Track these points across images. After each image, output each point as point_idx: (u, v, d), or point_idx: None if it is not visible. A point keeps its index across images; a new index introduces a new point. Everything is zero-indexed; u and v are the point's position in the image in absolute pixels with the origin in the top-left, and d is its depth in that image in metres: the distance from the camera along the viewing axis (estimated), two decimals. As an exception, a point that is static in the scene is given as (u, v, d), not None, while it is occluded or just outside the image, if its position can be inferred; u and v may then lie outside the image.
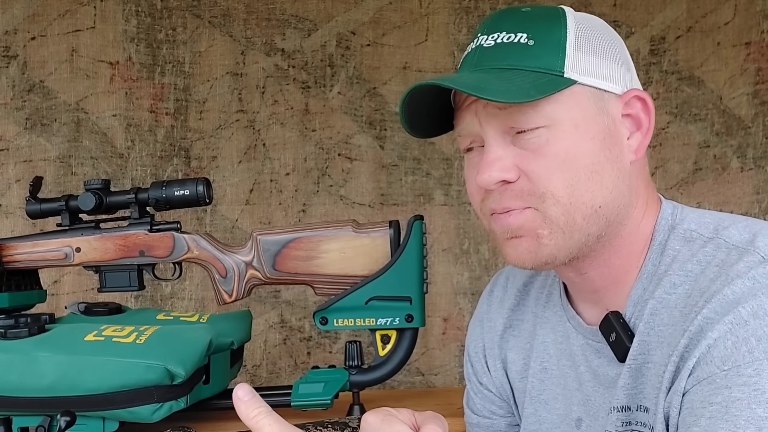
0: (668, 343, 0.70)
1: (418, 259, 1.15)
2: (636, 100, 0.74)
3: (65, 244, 1.17)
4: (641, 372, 0.72)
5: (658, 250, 0.75)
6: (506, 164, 0.72)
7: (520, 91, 0.69)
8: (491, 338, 0.92)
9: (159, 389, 1.05)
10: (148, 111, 1.70)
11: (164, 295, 1.70)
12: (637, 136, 0.74)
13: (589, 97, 0.72)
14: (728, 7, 1.68)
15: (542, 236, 0.72)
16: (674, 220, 0.76)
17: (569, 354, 0.82)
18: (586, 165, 0.71)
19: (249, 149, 1.73)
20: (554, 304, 0.86)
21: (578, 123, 0.71)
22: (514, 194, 0.72)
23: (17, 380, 1.05)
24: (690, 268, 0.71)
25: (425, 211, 1.70)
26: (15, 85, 1.66)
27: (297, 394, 1.16)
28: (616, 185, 0.72)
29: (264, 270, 1.17)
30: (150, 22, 1.70)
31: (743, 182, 1.70)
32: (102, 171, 1.67)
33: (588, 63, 0.72)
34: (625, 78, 0.75)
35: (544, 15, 0.74)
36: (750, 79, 1.68)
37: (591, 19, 0.77)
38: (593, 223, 0.72)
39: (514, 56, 0.72)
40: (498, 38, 0.73)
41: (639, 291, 0.75)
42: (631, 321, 0.75)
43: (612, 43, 0.76)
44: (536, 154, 0.71)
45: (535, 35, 0.72)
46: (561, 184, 0.71)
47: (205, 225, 1.70)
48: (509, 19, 0.74)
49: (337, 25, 1.73)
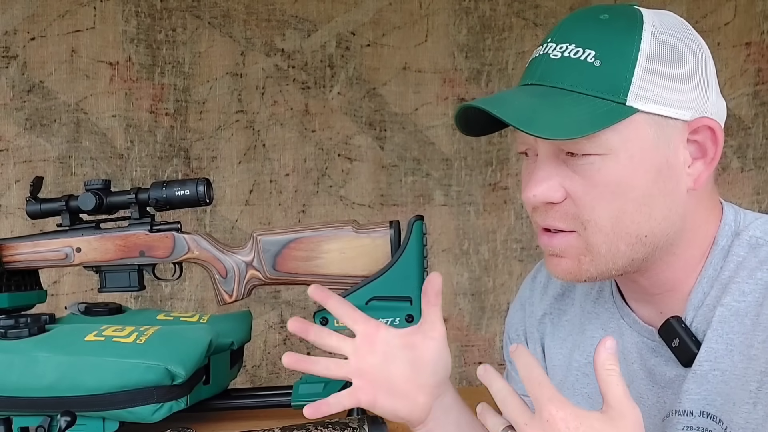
0: (740, 352, 0.70)
1: (419, 259, 1.15)
2: (705, 129, 0.71)
3: (65, 244, 1.17)
4: (707, 379, 0.72)
5: (721, 254, 0.74)
6: (553, 184, 0.71)
7: (573, 125, 0.67)
8: (531, 323, 0.93)
9: (159, 389, 1.05)
10: (147, 111, 1.70)
11: (164, 296, 1.70)
12: (698, 165, 0.71)
13: (651, 126, 0.69)
14: (728, 7, 1.69)
15: (583, 262, 0.72)
16: (737, 225, 0.75)
17: (621, 351, 0.81)
18: (635, 198, 0.69)
19: (249, 150, 1.73)
20: (605, 300, 0.85)
21: (634, 154, 0.68)
22: (559, 216, 0.72)
23: (17, 380, 1.05)
24: (760, 276, 0.71)
25: (425, 211, 1.70)
26: (15, 85, 1.67)
27: (297, 394, 1.16)
28: (666, 217, 0.71)
29: (264, 270, 1.17)
30: (150, 22, 1.70)
31: (743, 183, 1.70)
32: (102, 171, 1.67)
33: (656, 89, 0.68)
34: (699, 102, 0.70)
35: (620, 29, 0.69)
36: (750, 80, 1.68)
37: (673, 30, 0.71)
38: (638, 250, 0.71)
39: (578, 76, 0.69)
40: (565, 50, 0.70)
41: (699, 295, 0.74)
42: (694, 326, 0.74)
43: (691, 61, 0.71)
44: (586, 180, 0.69)
45: (604, 54, 0.68)
46: (606, 215, 0.70)
47: (205, 225, 1.70)
48: (582, 28, 0.71)
49: (336, 25, 1.73)
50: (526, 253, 1.73)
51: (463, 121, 0.76)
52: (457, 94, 1.75)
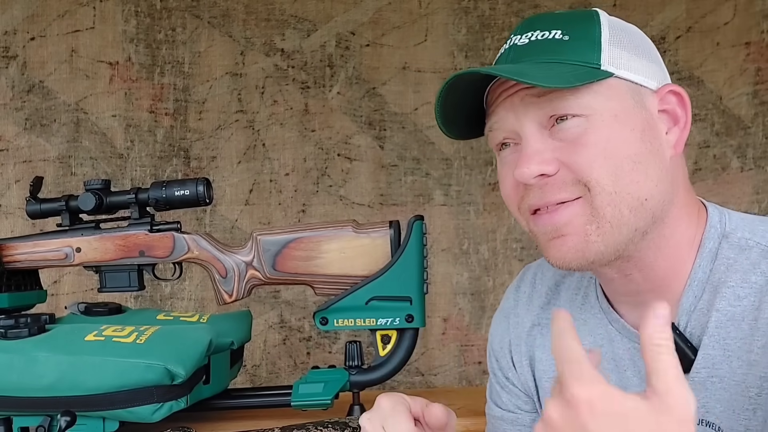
0: (738, 357, 0.69)
1: (419, 259, 1.15)
2: (671, 94, 0.74)
3: (65, 244, 1.17)
4: (705, 386, 0.71)
5: (709, 257, 0.74)
6: (546, 157, 0.70)
7: (561, 77, 0.69)
8: (518, 334, 0.91)
9: (159, 389, 1.05)
10: (147, 111, 1.70)
11: (164, 296, 1.70)
12: (674, 131, 0.74)
13: (627, 90, 0.71)
14: (728, 7, 1.69)
15: (590, 233, 0.70)
16: (723, 227, 0.75)
17: (612, 357, 0.80)
18: (628, 155, 0.70)
19: (248, 149, 1.73)
20: (591, 306, 0.83)
21: (617, 113, 0.70)
22: (557, 187, 0.70)
23: (17, 380, 1.05)
24: (754, 279, 0.70)
25: (425, 211, 1.70)
26: (14, 85, 1.67)
27: (297, 394, 1.16)
28: (660, 178, 0.71)
29: (264, 270, 1.17)
30: (149, 22, 1.70)
31: (743, 182, 1.70)
32: (101, 171, 1.67)
33: (623, 58, 0.72)
34: (659, 74, 0.75)
35: (578, 15, 0.76)
36: (750, 79, 1.68)
37: (622, 21, 0.78)
38: (641, 216, 0.70)
39: (550, 51, 0.72)
40: (532, 36, 0.73)
41: (691, 299, 0.74)
42: (688, 331, 0.73)
43: (643, 41, 0.77)
44: (575, 144, 0.70)
45: (570, 31, 0.72)
46: (604, 172, 0.69)
47: (205, 225, 1.70)
48: (542, 20, 0.75)
49: (336, 25, 1.73)
50: (526, 252, 1.73)
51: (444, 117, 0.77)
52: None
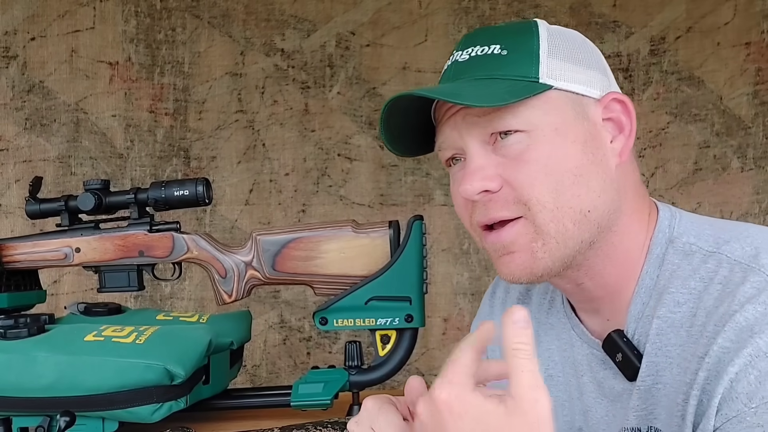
0: (678, 365, 0.69)
1: (418, 259, 1.15)
2: (615, 102, 0.73)
3: (65, 244, 1.17)
4: (651, 393, 0.71)
5: (656, 263, 0.73)
6: (488, 173, 0.71)
7: (496, 95, 0.69)
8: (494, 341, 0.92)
9: (158, 389, 1.05)
10: (147, 111, 1.70)
11: (164, 296, 1.70)
12: (620, 139, 0.73)
13: (567, 102, 0.71)
14: (728, 7, 1.69)
15: (536, 249, 0.70)
16: (672, 232, 0.74)
17: (572, 362, 0.81)
18: (569, 169, 0.70)
19: (248, 149, 1.73)
20: (557, 311, 0.84)
21: (558, 127, 0.70)
22: (499, 204, 0.71)
23: (17, 380, 1.05)
24: (693, 285, 0.70)
25: (425, 211, 1.70)
26: (15, 85, 1.67)
27: (297, 394, 1.16)
28: (603, 189, 0.71)
29: (264, 270, 1.16)
30: (149, 22, 1.70)
31: (743, 182, 1.70)
32: (101, 171, 1.68)
33: (563, 69, 0.72)
34: (603, 83, 0.74)
35: (517, 28, 0.75)
36: (750, 80, 1.68)
37: (564, 30, 0.77)
38: (585, 228, 0.71)
39: (489, 66, 0.72)
40: (472, 52, 0.73)
41: (639, 306, 0.74)
42: (635, 338, 0.73)
43: (586, 50, 0.76)
44: (517, 161, 0.70)
45: (508, 45, 0.72)
46: (545, 189, 0.69)
47: (205, 225, 1.70)
48: (482, 34, 0.75)
49: (336, 25, 1.73)
50: (526, 252, 1.73)
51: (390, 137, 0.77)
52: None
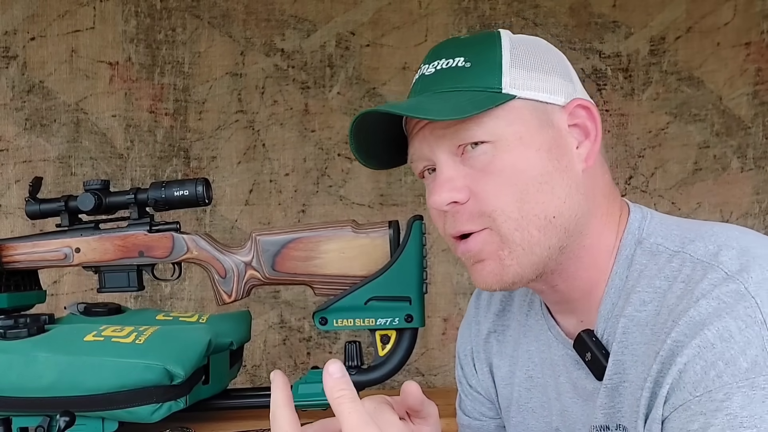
0: (642, 362, 0.69)
1: (418, 259, 1.15)
2: (580, 108, 0.74)
3: (65, 244, 1.17)
4: (618, 391, 0.72)
5: (625, 264, 0.74)
6: (456, 185, 0.72)
7: (457, 108, 0.70)
8: (478, 342, 0.93)
9: (158, 389, 1.05)
10: (147, 111, 1.70)
11: (164, 296, 1.70)
12: (585, 144, 0.74)
13: (531, 111, 0.72)
14: (728, 7, 1.69)
15: (503, 257, 0.72)
16: (641, 233, 0.75)
17: (550, 363, 0.82)
18: (533, 177, 0.71)
19: (248, 150, 1.73)
20: (536, 313, 0.86)
21: (522, 136, 0.71)
22: (466, 217, 0.73)
23: (17, 380, 1.05)
24: (658, 284, 0.70)
25: (424, 211, 1.69)
26: (15, 85, 1.67)
27: (297, 394, 1.15)
28: (569, 194, 0.72)
29: (263, 270, 1.16)
30: (149, 22, 1.70)
31: (743, 182, 1.70)
32: (101, 171, 1.68)
33: (526, 78, 0.73)
34: (568, 89, 0.75)
35: (480, 39, 0.76)
36: (750, 80, 1.68)
37: (528, 38, 0.78)
38: (551, 234, 0.72)
39: (454, 79, 0.73)
40: (438, 65, 0.74)
41: (608, 306, 0.74)
42: (604, 338, 0.74)
43: (550, 58, 0.76)
44: (484, 172, 0.71)
45: (472, 57, 0.73)
46: (509, 199, 0.71)
47: (205, 225, 1.70)
48: (448, 47, 0.76)
49: (336, 25, 1.73)
50: (526, 252, 1.73)
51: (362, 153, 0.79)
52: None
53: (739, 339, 0.62)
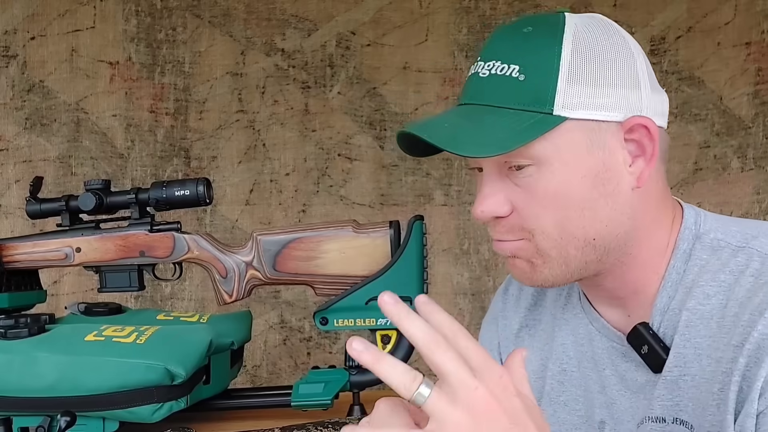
0: (708, 356, 0.70)
1: (419, 259, 1.15)
2: (639, 127, 0.71)
3: (65, 244, 1.17)
4: (677, 384, 0.72)
5: (683, 258, 0.74)
6: (499, 199, 0.72)
7: (498, 142, 0.68)
8: (506, 336, 0.92)
9: (159, 389, 1.05)
10: (148, 111, 1.70)
11: (164, 296, 1.70)
12: (639, 162, 0.72)
13: (583, 132, 0.70)
14: (728, 7, 1.68)
15: (537, 264, 0.73)
16: (698, 228, 0.75)
17: (592, 356, 0.81)
18: (576, 204, 0.70)
19: (249, 149, 1.73)
20: (573, 306, 0.85)
21: (568, 161, 0.70)
22: (506, 229, 0.73)
23: (17, 380, 1.05)
24: (723, 278, 0.71)
25: (425, 211, 1.70)
26: (15, 84, 1.66)
27: (297, 394, 1.16)
28: (611, 218, 0.72)
29: (264, 270, 1.17)
30: (150, 21, 1.70)
31: (743, 182, 1.70)
32: (102, 171, 1.67)
33: (582, 95, 0.69)
34: (630, 101, 0.71)
35: (541, 40, 0.71)
36: (750, 79, 1.68)
37: (595, 34, 0.72)
38: (589, 252, 0.72)
39: (504, 92, 0.71)
40: (492, 68, 0.72)
41: (665, 300, 0.74)
42: (661, 331, 0.74)
43: (616, 62, 0.71)
44: (526, 192, 0.71)
45: (527, 68, 0.70)
46: (550, 223, 0.71)
47: (205, 225, 1.70)
48: (507, 43, 0.73)
49: (337, 25, 1.73)
50: (527, 252, 1.73)
51: (405, 145, 0.78)
52: (458, 93, 1.74)
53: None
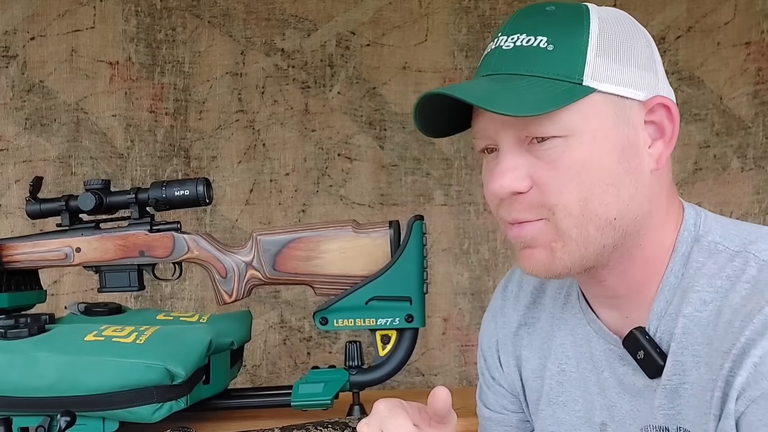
0: (706, 363, 0.69)
1: (419, 259, 1.15)
2: (660, 107, 0.72)
3: (65, 244, 1.17)
4: (678, 393, 0.71)
5: (681, 261, 0.73)
6: (519, 174, 0.70)
7: (533, 104, 0.67)
8: (505, 334, 0.91)
9: (159, 389, 1.05)
10: (147, 111, 1.70)
11: (164, 296, 1.70)
12: (659, 144, 0.72)
13: (609, 106, 0.69)
14: (728, 6, 1.68)
15: (556, 249, 0.71)
16: (697, 230, 0.74)
17: (590, 358, 0.80)
18: (601, 178, 0.69)
19: (249, 149, 1.73)
20: (572, 306, 0.84)
21: (596, 134, 0.69)
22: (525, 206, 0.71)
23: (17, 380, 1.05)
24: (719, 283, 0.69)
25: (425, 211, 1.70)
26: (14, 85, 1.66)
27: (297, 394, 1.16)
28: (633, 197, 0.71)
29: (264, 270, 1.17)
30: (149, 22, 1.70)
31: (743, 182, 1.70)
32: (102, 171, 1.67)
33: (609, 70, 0.69)
34: (651, 83, 0.72)
35: (567, 16, 0.71)
36: (750, 79, 1.68)
37: (618, 19, 0.73)
38: (608, 234, 0.70)
39: (533, 61, 0.69)
40: (517, 40, 0.71)
41: (662, 304, 0.73)
42: (657, 336, 0.73)
43: (638, 45, 0.72)
44: (551, 165, 0.69)
45: (556, 39, 0.69)
46: (573, 197, 0.69)
47: (205, 225, 1.70)
48: (531, 19, 0.72)
49: (336, 25, 1.73)
50: (526, 252, 1.73)
51: (423, 121, 0.75)
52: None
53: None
